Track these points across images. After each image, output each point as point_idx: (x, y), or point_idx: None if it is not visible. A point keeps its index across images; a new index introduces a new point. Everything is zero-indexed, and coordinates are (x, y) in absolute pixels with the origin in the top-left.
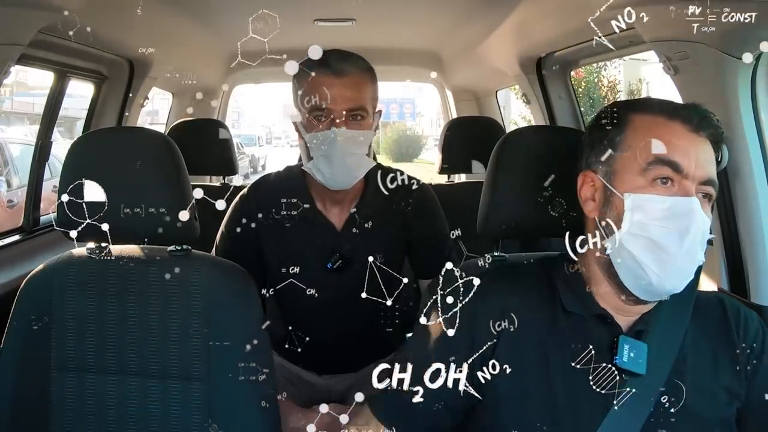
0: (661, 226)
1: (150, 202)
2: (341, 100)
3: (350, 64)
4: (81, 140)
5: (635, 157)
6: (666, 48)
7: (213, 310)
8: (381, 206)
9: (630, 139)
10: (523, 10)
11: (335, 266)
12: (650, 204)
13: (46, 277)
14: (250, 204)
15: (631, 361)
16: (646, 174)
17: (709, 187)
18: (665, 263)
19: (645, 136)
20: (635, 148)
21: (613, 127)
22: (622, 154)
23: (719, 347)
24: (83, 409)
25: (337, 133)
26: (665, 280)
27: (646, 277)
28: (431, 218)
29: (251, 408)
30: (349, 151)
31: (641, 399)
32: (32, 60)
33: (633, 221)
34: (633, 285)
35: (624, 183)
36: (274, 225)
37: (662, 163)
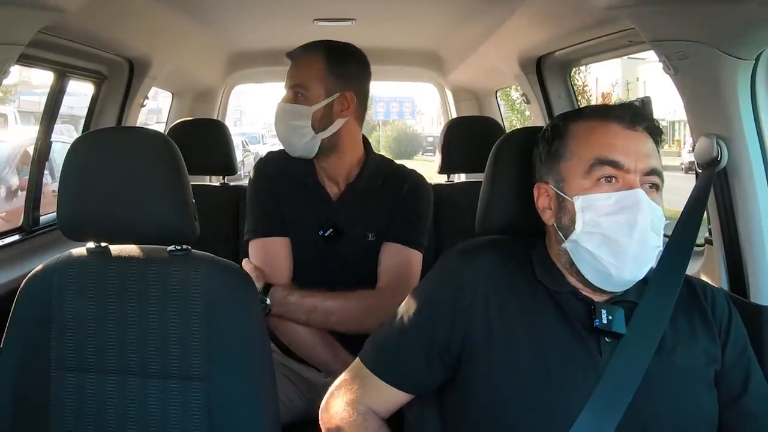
0: (611, 220)
1: (150, 201)
2: (288, 79)
3: (304, 48)
4: (81, 140)
5: (579, 163)
6: (666, 48)
7: (213, 310)
8: (376, 185)
9: (572, 146)
10: (523, 10)
11: (327, 234)
12: (598, 202)
13: (46, 277)
14: (265, 171)
15: (611, 323)
16: (590, 176)
17: (654, 177)
18: (620, 254)
19: (584, 141)
20: (577, 154)
21: (556, 139)
22: (567, 162)
23: (695, 318)
24: (83, 409)
25: (277, 106)
26: (623, 270)
27: (606, 270)
28: (417, 200)
29: (251, 408)
30: (281, 121)
31: (633, 360)
32: (32, 60)
33: (585, 220)
34: (596, 279)
35: (573, 188)
36: (283, 191)
37: (603, 164)
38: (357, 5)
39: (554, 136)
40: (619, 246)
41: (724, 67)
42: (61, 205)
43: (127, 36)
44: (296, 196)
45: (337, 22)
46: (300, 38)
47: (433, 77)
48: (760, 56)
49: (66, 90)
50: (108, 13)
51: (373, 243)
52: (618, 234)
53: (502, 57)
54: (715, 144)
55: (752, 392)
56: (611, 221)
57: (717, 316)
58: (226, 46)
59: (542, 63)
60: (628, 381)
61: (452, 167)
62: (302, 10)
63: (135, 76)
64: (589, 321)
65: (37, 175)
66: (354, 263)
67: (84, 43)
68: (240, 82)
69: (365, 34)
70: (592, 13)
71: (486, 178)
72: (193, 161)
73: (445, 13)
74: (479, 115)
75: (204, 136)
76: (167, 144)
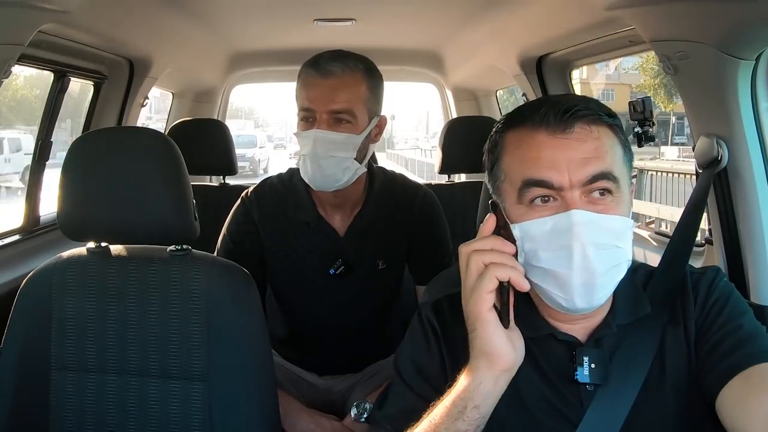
0: (548, 251)
1: (150, 201)
2: (324, 100)
3: (339, 64)
4: (81, 140)
5: (510, 186)
6: (666, 48)
7: (213, 310)
8: (383, 211)
9: (505, 164)
10: (523, 11)
11: (338, 272)
12: (533, 229)
13: (46, 277)
14: (251, 209)
15: (593, 372)
16: (522, 199)
17: (601, 182)
18: (565, 286)
19: (512, 158)
20: (509, 175)
21: (491, 154)
22: (502, 183)
23: (681, 322)
24: (83, 409)
25: (313, 134)
26: (573, 301)
27: (557, 301)
28: (432, 225)
29: (251, 408)
30: (326, 153)
31: (615, 405)
32: (32, 60)
33: (526, 251)
34: (556, 306)
35: (511, 213)
36: (276, 231)
37: (531, 185)
38: (357, 5)
39: (491, 149)
40: (561, 279)
41: (724, 67)
42: (61, 205)
43: (127, 36)
44: (299, 236)
45: (337, 22)
46: (300, 38)
47: (433, 77)
48: (760, 56)
49: (66, 90)
50: (108, 13)
51: (383, 271)
52: (557, 266)
53: (502, 57)
54: (715, 144)
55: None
56: (548, 253)
57: (698, 306)
58: (227, 46)
59: (542, 63)
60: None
61: (452, 167)
62: (302, 11)
63: (135, 76)
64: (570, 370)
65: (37, 175)
66: (364, 292)
67: (84, 43)
68: (240, 82)
69: (365, 34)
70: (592, 13)
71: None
72: (193, 161)
73: (445, 13)
74: (479, 115)
75: (204, 136)
76: (167, 144)
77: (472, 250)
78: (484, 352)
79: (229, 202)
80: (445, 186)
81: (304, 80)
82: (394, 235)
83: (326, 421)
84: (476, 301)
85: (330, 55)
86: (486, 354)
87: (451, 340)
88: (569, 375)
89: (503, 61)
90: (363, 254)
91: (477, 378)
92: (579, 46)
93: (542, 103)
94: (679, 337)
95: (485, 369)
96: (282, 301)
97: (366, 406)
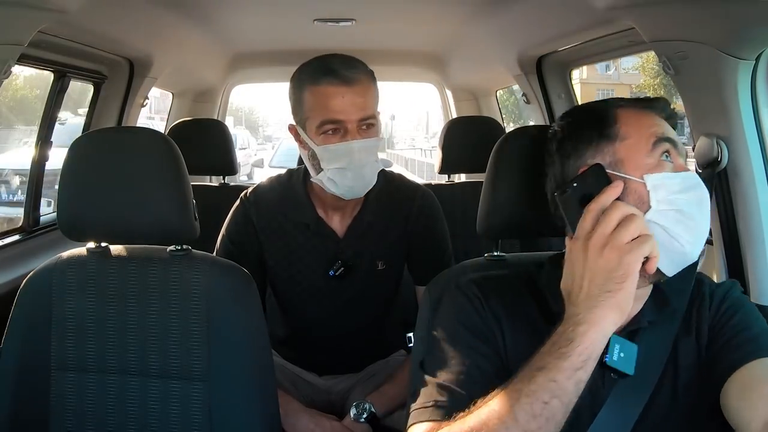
0: (686, 197)
1: (150, 202)
2: (353, 109)
3: (356, 69)
4: (81, 140)
5: (638, 140)
6: (666, 48)
7: (213, 310)
8: (383, 212)
9: (624, 129)
10: (523, 10)
11: (337, 273)
12: (667, 180)
13: (46, 277)
14: (250, 210)
15: (621, 360)
16: (654, 153)
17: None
18: (695, 230)
19: (636, 122)
20: (631, 134)
21: (600, 125)
22: (623, 142)
23: (698, 329)
24: (83, 409)
25: (353, 146)
26: (698, 244)
27: (680, 249)
28: (432, 225)
29: (251, 408)
30: (365, 161)
31: (632, 398)
32: (32, 60)
33: (659, 198)
34: (667, 262)
35: (636, 167)
36: (275, 232)
37: (662, 141)
38: (357, 5)
39: (599, 119)
40: (694, 223)
41: (724, 67)
42: (61, 205)
43: (127, 36)
44: (298, 237)
45: (337, 22)
46: (300, 38)
47: (433, 77)
48: (760, 56)
49: (66, 90)
50: (108, 13)
51: (382, 271)
52: (695, 212)
53: (502, 57)
54: (715, 144)
55: None
56: (686, 197)
57: (712, 311)
58: (226, 46)
59: (542, 63)
60: (624, 421)
61: (452, 167)
62: (302, 11)
63: (135, 76)
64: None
65: (37, 175)
66: (362, 292)
67: (84, 43)
68: (240, 82)
69: (365, 34)
70: (592, 13)
71: (487, 179)
72: (193, 161)
73: (445, 13)
74: (479, 115)
75: (204, 136)
76: (167, 144)
77: (632, 212)
78: (620, 305)
79: (229, 202)
80: (445, 186)
81: (323, 91)
82: (393, 236)
83: (326, 421)
84: (636, 258)
85: (340, 61)
86: (621, 307)
87: (494, 312)
88: (600, 357)
89: (503, 61)
90: (362, 255)
91: (605, 328)
92: (579, 46)
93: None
94: (692, 339)
95: (613, 321)
96: (282, 302)
97: (366, 406)
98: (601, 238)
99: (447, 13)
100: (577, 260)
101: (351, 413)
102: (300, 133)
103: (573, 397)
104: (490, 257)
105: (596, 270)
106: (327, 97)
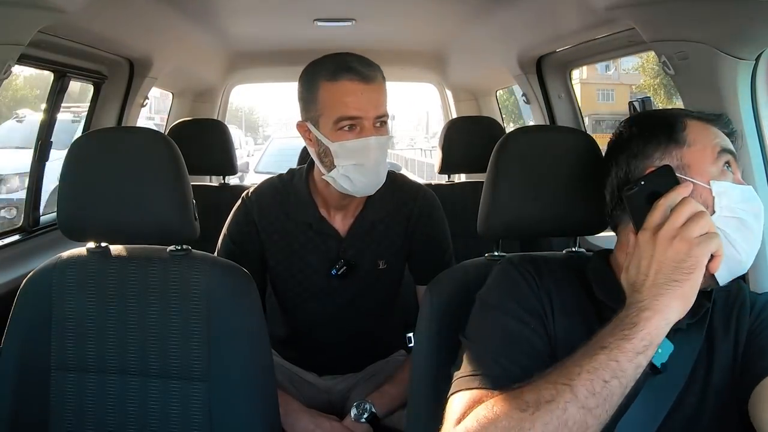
0: (747, 210)
1: (150, 201)
2: (372, 107)
3: (373, 68)
4: (81, 140)
5: (709, 149)
6: (666, 48)
7: (213, 310)
8: (384, 211)
9: (691, 136)
10: (523, 10)
11: (339, 272)
12: (730, 189)
13: (46, 277)
14: (252, 209)
15: (658, 357)
16: (718, 162)
17: None
18: (753, 238)
19: (703, 129)
20: (698, 142)
21: (669, 130)
22: (690, 148)
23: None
24: (83, 409)
25: (371, 142)
26: (753, 252)
27: (736, 257)
28: (433, 225)
29: (251, 408)
30: (381, 158)
31: (663, 395)
32: (32, 60)
33: (722, 205)
34: (723, 269)
35: (702, 173)
36: (277, 232)
37: (725, 152)
38: (357, 5)
39: (669, 124)
40: (752, 232)
41: (724, 67)
42: (61, 205)
43: (127, 36)
44: (300, 236)
45: (337, 22)
46: (300, 38)
47: (433, 77)
48: (760, 56)
49: (66, 90)
50: (108, 13)
51: (383, 271)
52: (753, 222)
53: (502, 57)
54: None
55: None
56: (747, 208)
57: (752, 316)
58: (227, 46)
59: (542, 63)
60: (654, 415)
61: (452, 167)
62: (302, 11)
63: (135, 76)
64: None
65: (37, 174)
66: (363, 292)
67: (84, 43)
68: (240, 82)
69: (365, 34)
70: (592, 13)
71: (487, 179)
72: (193, 161)
73: (445, 13)
74: (479, 115)
75: (204, 136)
76: (167, 144)
77: (701, 210)
78: (686, 295)
79: (229, 202)
80: (445, 186)
81: (342, 88)
82: (394, 235)
83: (326, 421)
84: (705, 251)
85: (357, 59)
86: (687, 297)
87: (547, 291)
88: None
89: (503, 61)
90: (364, 254)
91: (668, 317)
92: (579, 46)
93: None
94: (730, 344)
95: (678, 310)
96: (282, 301)
97: (366, 406)
98: (672, 230)
99: (447, 13)
100: (645, 251)
101: (351, 413)
102: (311, 129)
103: (631, 381)
104: (491, 257)
105: (664, 260)
106: (345, 94)
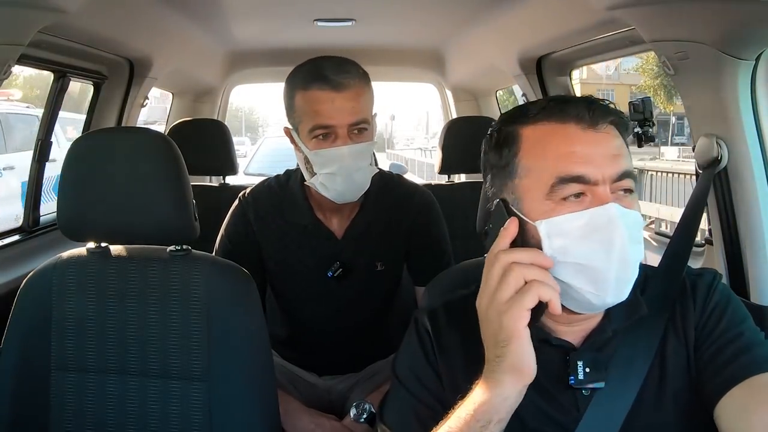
0: (583, 245)
1: (150, 201)
2: (343, 114)
3: (347, 74)
4: (81, 140)
5: (537, 182)
6: (666, 48)
7: (213, 310)
8: (381, 213)
9: (525, 160)
10: (523, 10)
11: (336, 274)
12: (566, 224)
13: (46, 277)
14: (248, 210)
15: (590, 375)
16: (554, 195)
17: (626, 182)
18: (599, 280)
19: (539, 153)
20: (534, 170)
21: (506, 149)
22: (522, 180)
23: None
24: (83, 409)
25: (343, 151)
26: (605, 296)
27: (585, 299)
28: (430, 225)
29: (251, 408)
30: (356, 166)
31: (613, 408)
32: (32, 60)
33: (555, 248)
34: (575, 307)
35: (533, 210)
36: (273, 233)
37: (567, 181)
38: (357, 5)
39: (502, 144)
40: (597, 273)
41: (724, 67)
42: (61, 205)
43: (127, 36)
44: (296, 238)
45: (337, 22)
46: (300, 38)
47: (433, 77)
48: (760, 56)
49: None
50: (108, 13)
51: (381, 272)
52: (593, 260)
53: (502, 57)
54: (715, 144)
55: None
56: (583, 247)
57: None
58: (227, 46)
59: (542, 63)
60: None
61: (452, 167)
62: (302, 11)
63: (135, 76)
64: (564, 375)
65: (37, 174)
66: (362, 294)
67: (84, 43)
68: (240, 82)
69: (365, 34)
70: (593, 13)
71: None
72: (193, 161)
73: (445, 13)
74: (479, 116)
75: (204, 136)
76: (167, 144)
77: (512, 261)
78: (515, 368)
79: (229, 202)
80: (445, 186)
81: (313, 96)
82: (392, 237)
83: (326, 421)
84: (514, 317)
85: (332, 65)
86: (516, 369)
87: (445, 349)
88: (564, 381)
89: (503, 61)
90: (361, 256)
91: (503, 392)
92: (579, 46)
93: (562, 101)
94: (680, 341)
95: (512, 384)
96: (281, 302)
97: (366, 406)
98: (486, 298)
99: (447, 13)
100: (481, 324)
101: (351, 413)
102: (294, 136)
103: None
104: None
105: (486, 336)
106: (316, 103)
